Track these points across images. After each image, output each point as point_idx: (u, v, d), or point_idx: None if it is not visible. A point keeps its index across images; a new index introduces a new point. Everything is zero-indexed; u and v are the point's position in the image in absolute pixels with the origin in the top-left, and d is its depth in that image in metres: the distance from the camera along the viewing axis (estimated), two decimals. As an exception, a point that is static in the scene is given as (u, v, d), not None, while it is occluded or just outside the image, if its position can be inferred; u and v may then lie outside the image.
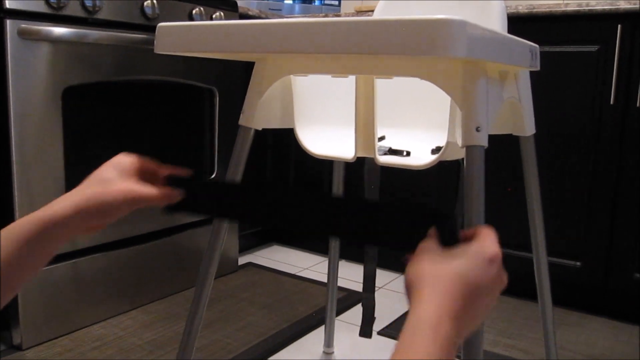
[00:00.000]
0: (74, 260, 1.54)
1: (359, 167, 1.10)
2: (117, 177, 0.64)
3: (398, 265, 2.17)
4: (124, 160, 0.67)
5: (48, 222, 0.60)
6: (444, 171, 1.96)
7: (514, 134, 1.03)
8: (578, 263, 1.77)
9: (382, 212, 0.60)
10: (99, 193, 0.62)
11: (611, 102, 1.65)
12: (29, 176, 1.40)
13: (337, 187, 1.35)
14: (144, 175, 0.68)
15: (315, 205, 0.64)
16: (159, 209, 0.71)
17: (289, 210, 0.65)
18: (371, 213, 0.61)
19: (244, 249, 2.35)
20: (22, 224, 0.59)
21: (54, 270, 1.49)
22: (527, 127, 1.00)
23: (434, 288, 0.51)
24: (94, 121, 1.58)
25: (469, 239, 0.57)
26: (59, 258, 1.51)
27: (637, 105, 1.62)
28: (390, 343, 1.58)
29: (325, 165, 2.25)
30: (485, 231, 0.57)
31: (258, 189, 0.67)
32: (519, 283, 1.93)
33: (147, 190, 0.65)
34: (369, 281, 1.11)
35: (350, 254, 2.26)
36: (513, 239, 1.86)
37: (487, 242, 0.55)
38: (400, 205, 0.59)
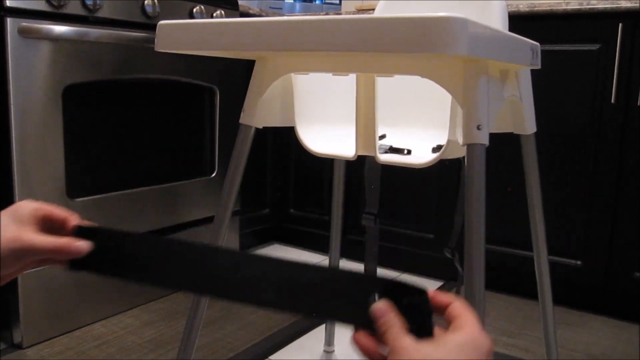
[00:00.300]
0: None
1: (359, 166, 1.10)
2: (7, 224, 0.53)
3: (399, 263, 2.17)
4: (24, 206, 0.55)
5: None
6: (445, 170, 1.96)
7: (515, 132, 1.02)
8: (579, 262, 1.77)
9: (335, 282, 0.50)
10: None
11: (612, 101, 1.65)
12: (30, 175, 1.40)
13: (338, 186, 1.35)
14: (49, 226, 0.57)
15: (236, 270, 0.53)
16: (153, 209, 0.65)
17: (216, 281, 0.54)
18: (322, 283, 0.50)
19: (245, 247, 2.35)
20: None
21: (53, 269, 1.49)
22: (527, 125, 1.00)
23: None
24: (94, 120, 1.58)
25: (442, 312, 0.48)
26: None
27: (638, 104, 1.62)
28: (390, 342, 1.58)
29: (326, 163, 2.25)
30: (466, 314, 0.48)
31: (184, 251, 0.56)
32: (519, 282, 1.92)
33: (41, 239, 0.54)
34: (370, 280, 1.10)
35: (352, 253, 2.25)
36: (513, 237, 1.86)
37: (477, 332, 0.46)
38: (350, 274, 0.49)
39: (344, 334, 1.60)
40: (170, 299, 1.79)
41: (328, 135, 0.99)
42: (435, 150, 0.97)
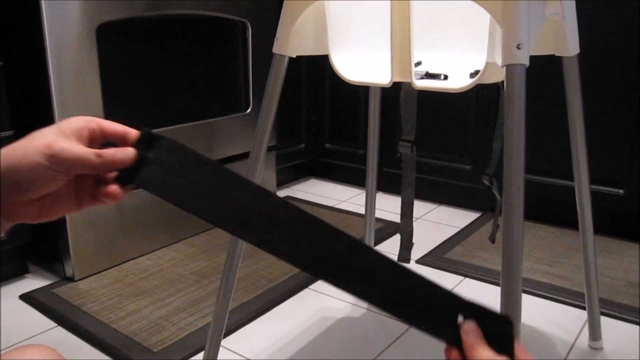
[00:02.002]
0: (118, 196, 1.59)
1: (395, 93, 1.09)
2: (48, 133, 0.45)
3: (436, 196, 2.16)
4: (72, 120, 0.47)
5: None
6: (483, 101, 1.91)
7: (557, 54, 0.99)
8: (621, 191, 1.73)
9: (423, 291, 0.51)
10: (13, 149, 0.45)
11: (662, 21, 1.57)
12: (70, 115, 1.43)
13: (374, 113, 1.33)
14: (103, 142, 0.49)
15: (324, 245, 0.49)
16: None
17: (286, 240, 0.48)
18: (412, 290, 0.50)
19: (282, 183, 2.38)
20: None
21: (100, 207, 1.54)
22: (570, 46, 0.96)
23: None
24: (129, 58, 1.58)
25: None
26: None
27: (690, 23, 1.53)
28: (427, 271, 1.60)
29: (361, 96, 2.22)
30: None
31: (245, 188, 0.49)
32: (558, 212, 1.90)
33: (78, 147, 0.45)
34: (407, 207, 1.11)
35: (387, 186, 2.26)
36: (553, 167, 1.82)
37: None
38: (451, 295, 0.49)
39: (381, 264, 1.63)
40: (211, 233, 1.84)
41: (362, 63, 0.97)
42: (473, 75, 0.94)
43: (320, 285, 1.52)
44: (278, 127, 2.20)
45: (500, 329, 0.48)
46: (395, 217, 1.97)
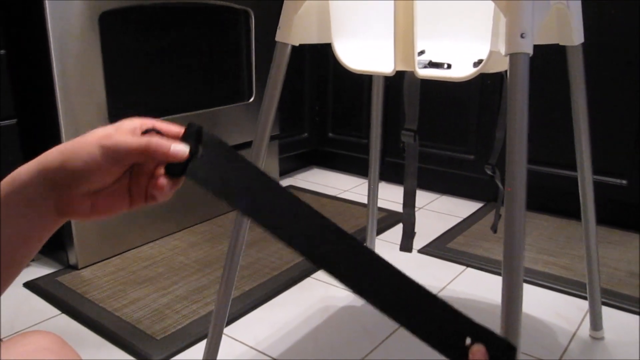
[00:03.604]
0: (121, 184, 1.59)
1: (398, 82, 1.08)
2: (105, 128, 0.47)
3: (439, 186, 2.16)
4: (128, 120, 0.49)
5: (11, 183, 0.45)
6: (487, 90, 1.91)
7: (561, 43, 0.98)
8: (624, 181, 1.73)
9: (433, 307, 0.51)
10: (69, 145, 0.45)
11: (667, 10, 1.56)
12: (73, 103, 1.43)
13: (377, 102, 1.33)
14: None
15: (352, 255, 0.51)
16: None
17: (316, 247, 0.51)
18: (422, 303, 0.51)
19: (285, 172, 2.38)
20: None
21: (102, 194, 1.55)
22: (575, 35, 0.95)
23: None
24: (132, 46, 1.58)
25: None
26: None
27: (696, 12, 1.52)
28: (430, 261, 1.60)
29: (365, 86, 2.22)
30: None
31: (281, 195, 0.52)
32: (561, 202, 1.90)
33: (133, 137, 0.46)
34: (410, 196, 1.11)
35: (390, 176, 2.26)
36: (556, 157, 1.82)
37: None
38: (459, 314, 0.50)
39: (384, 253, 1.63)
40: (214, 222, 1.85)
41: (366, 51, 0.97)
42: (476, 64, 0.94)
43: (322, 274, 1.52)
44: (281, 116, 2.20)
45: (503, 354, 0.48)
46: (398, 207, 1.97)
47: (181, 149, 0.48)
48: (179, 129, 0.50)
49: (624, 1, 1.62)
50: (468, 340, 0.48)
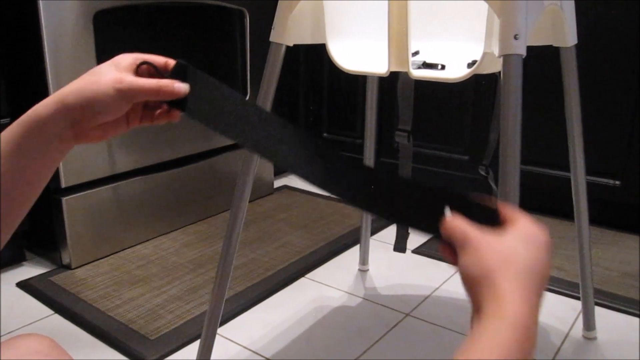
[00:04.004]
0: (114, 184, 1.59)
1: (393, 83, 1.08)
2: (110, 70, 0.55)
3: (432, 186, 2.16)
4: (124, 56, 0.57)
5: (29, 120, 0.52)
6: (481, 92, 1.91)
7: (554, 44, 0.98)
8: (617, 182, 1.74)
9: (411, 192, 0.54)
10: (84, 84, 0.54)
11: (660, 12, 1.56)
12: (67, 101, 1.42)
13: (371, 103, 1.34)
14: (149, 72, 0.58)
15: (331, 162, 0.56)
16: (195, 132, 0.66)
17: (300, 158, 0.56)
18: (400, 191, 0.55)
19: (280, 172, 2.38)
20: (6, 130, 0.53)
21: (96, 194, 1.54)
22: (568, 37, 0.96)
23: (513, 283, 0.45)
24: (126, 45, 1.57)
25: (501, 214, 0.52)
26: (100, 182, 1.56)
27: (689, 14, 1.53)
28: (424, 261, 1.60)
29: (359, 86, 2.22)
30: (522, 214, 0.51)
31: (270, 119, 0.57)
32: (554, 202, 1.91)
33: (144, 79, 0.55)
34: (403, 198, 1.11)
35: (385, 176, 2.26)
36: (549, 158, 1.83)
37: (536, 227, 0.50)
38: (428, 186, 0.54)
39: (378, 253, 1.64)
40: (208, 222, 1.85)
41: (360, 52, 0.97)
42: (470, 65, 0.94)
43: (317, 274, 1.53)
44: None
45: (486, 213, 0.51)
46: (392, 207, 1.97)
47: (183, 88, 0.57)
48: (166, 59, 0.59)
49: (618, 2, 1.63)
50: (447, 212, 0.51)
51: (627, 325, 1.30)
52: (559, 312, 1.35)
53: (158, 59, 0.58)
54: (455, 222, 0.50)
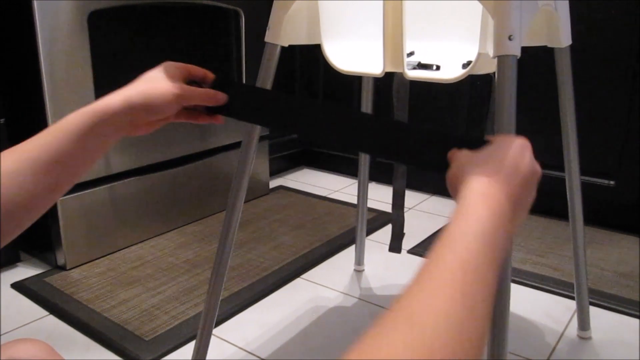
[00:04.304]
0: (110, 185, 1.58)
1: (388, 83, 1.09)
2: (164, 77, 0.69)
3: (429, 186, 2.17)
4: (170, 65, 0.71)
5: (100, 113, 0.64)
6: (476, 92, 1.92)
7: (549, 45, 0.99)
8: (612, 182, 1.74)
9: (411, 133, 0.63)
10: (147, 89, 0.67)
11: (654, 13, 1.57)
12: (61, 103, 1.42)
13: (366, 103, 1.34)
14: (190, 80, 0.73)
15: (350, 121, 0.67)
16: (193, 130, 0.72)
17: (324, 124, 0.69)
18: (400, 133, 0.64)
19: (275, 172, 2.38)
20: (74, 117, 0.63)
21: (91, 195, 1.54)
22: (562, 37, 0.96)
23: (481, 168, 0.52)
24: (121, 45, 1.57)
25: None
26: (95, 182, 1.55)
27: (683, 15, 1.54)
28: (419, 261, 1.60)
29: (355, 86, 2.22)
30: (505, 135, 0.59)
31: (297, 101, 0.71)
32: (549, 202, 1.91)
33: (193, 89, 0.70)
34: (398, 197, 1.11)
35: (380, 176, 2.26)
36: (545, 158, 1.83)
37: (511, 136, 0.58)
38: (429, 129, 0.62)
39: (373, 253, 1.64)
40: (203, 222, 1.84)
41: (355, 52, 0.97)
42: (465, 66, 0.94)
43: (312, 274, 1.53)
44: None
45: (483, 143, 0.58)
46: (388, 207, 1.98)
47: (223, 97, 0.72)
48: (204, 71, 0.74)
49: (613, 3, 1.63)
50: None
51: (621, 325, 1.30)
52: (554, 311, 1.35)
53: (197, 70, 0.74)
54: (455, 151, 0.59)
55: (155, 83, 0.68)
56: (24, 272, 1.52)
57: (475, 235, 0.44)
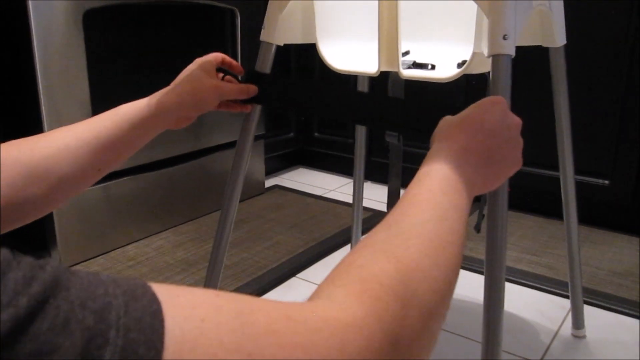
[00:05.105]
0: (105, 184, 1.58)
1: (383, 82, 1.09)
2: (204, 75, 0.78)
3: (423, 186, 2.17)
4: (207, 62, 0.80)
5: (155, 108, 0.72)
6: (472, 91, 1.92)
7: (544, 45, 0.99)
8: (606, 182, 1.75)
9: (407, 105, 0.76)
10: (195, 88, 0.76)
11: (649, 13, 1.58)
12: (56, 101, 1.42)
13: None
14: (220, 66, 0.84)
15: (356, 99, 0.82)
16: (182, 132, 0.76)
17: (335, 102, 0.82)
18: (400, 106, 0.77)
19: (271, 171, 2.38)
20: (130, 108, 0.71)
21: (87, 194, 1.54)
22: (557, 37, 0.96)
23: (449, 126, 0.59)
24: (116, 44, 1.57)
25: None
26: (90, 181, 1.55)
27: (677, 15, 1.54)
28: (415, 260, 1.61)
29: (350, 80, 2.22)
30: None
31: (314, 85, 0.86)
32: (544, 202, 1.92)
33: (231, 86, 0.81)
34: (394, 197, 1.11)
35: (375, 176, 2.26)
36: (540, 157, 1.84)
37: (490, 97, 0.63)
38: (419, 100, 0.75)
39: (369, 253, 1.64)
40: (199, 222, 1.84)
41: (350, 52, 0.97)
42: (460, 65, 0.94)
43: (307, 273, 1.53)
44: (267, 116, 2.20)
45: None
46: (383, 207, 1.98)
47: (254, 90, 0.84)
48: (231, 60, 0.85)
49: (606, 2, 1.64)
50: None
51: (616, 323, 1.31)
52: (549, 310, 1.36)
53: (229, 59, 0.85)
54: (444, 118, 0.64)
55: (200, 82, 0.77)
56: (18, 271, 1.51)
57: (430, 177, 0.52)
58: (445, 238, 0.46)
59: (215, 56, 0.82)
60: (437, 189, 0.50)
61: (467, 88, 1.92)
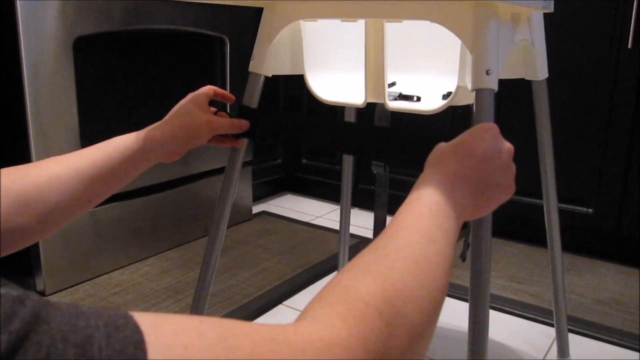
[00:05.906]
0: (91, 210, 1.57)
1: (369, 114, 1.11)
2: (197, 110, 0.79)
3: (410, 213, 2.18)
4: (201, 96, 0.81)
5: (148, 141, 0.73)
6: (457, 120, 1.95)
7: (526, 78, 1.02)
8: (590, 210, 1.77)
9: (396, 135, 0.78)
10: (187, 123, 0.78)
11: (628, 46, 1.62)
12: (45, 128, 1.42)
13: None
14: (212, 99, 0.85)
15: (345, 130, 0.85)
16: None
17: (325, 135, 0.84)
18: (389, 136, 0.79)
19: (258, 198, 2.38)
20: (122, 140, 0.71)
21: (73, 220, 1.53)
22: (539, 71, 0.99)
23: (440, 154, 0.60)
24: (106, 72, 1.58)
25: None
26: (77, 207, 1.54)
27: (655, 48, 1.59)
28: (401, 288, 1.61)
29: (338, 113, 2.25)
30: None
31: (304, 119, 0.90)
32: (529, 230, 1.94)
33: (223, 120, 0.82)
34: (380, 225, 1.12)
35: (363, 202, 2.28)
36: (523, 186, 1.86)
37: (482, 123, 0.65)
38: (410, 130, 0.77)
39: (355, 280, 1.64)
40: (185, 248, 1.84)
41: (338, 83, 0.99)
42: (445, 97, 0.96)
43: (295, 301, 1.52)
44: (255, 143, 2.21)
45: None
46: (370, 233, 1.98)
47: (246, 124, 0.86)
48: (224, 92, 0.87)
49: (588, 36, 1.69)
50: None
51: (600, 352, 1.32)
52: (534, 338, 1.37)
53: (221, 91, 0.87)
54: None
55: (193, 117, 0.78)
56: (1, 297, 1.49)
57: (420, 201, 0.53)
58: (433, 260, 0.47)
59: (207, 89, 0.83)
60: (426, 212, 0.51)
61: (453, 117, 1.95)
